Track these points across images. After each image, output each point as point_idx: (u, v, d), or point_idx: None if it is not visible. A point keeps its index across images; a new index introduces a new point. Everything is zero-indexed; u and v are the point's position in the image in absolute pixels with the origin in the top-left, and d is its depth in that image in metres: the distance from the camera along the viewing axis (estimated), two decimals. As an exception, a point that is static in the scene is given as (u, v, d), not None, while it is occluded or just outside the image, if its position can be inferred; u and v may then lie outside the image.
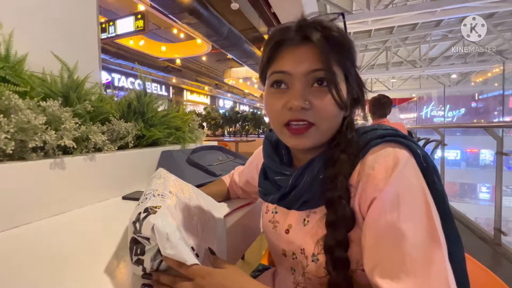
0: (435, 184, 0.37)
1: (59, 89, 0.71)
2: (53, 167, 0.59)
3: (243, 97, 16.02)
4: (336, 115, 0.41)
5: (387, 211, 0.34)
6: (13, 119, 0.52)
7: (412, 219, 0.33)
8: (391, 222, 0.33)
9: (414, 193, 0.34)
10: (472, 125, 4.08)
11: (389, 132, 0.39)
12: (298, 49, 0.40)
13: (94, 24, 1.01)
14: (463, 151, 7.81)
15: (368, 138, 0.40)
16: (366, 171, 0.37)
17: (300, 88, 0.40)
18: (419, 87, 12.40)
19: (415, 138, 3.55)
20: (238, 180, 0.71)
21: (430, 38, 8.13)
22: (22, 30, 0.72)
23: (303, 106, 0.39)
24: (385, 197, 0.34)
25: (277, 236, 0.49)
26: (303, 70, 0.40)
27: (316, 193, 0.41)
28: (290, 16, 0.43)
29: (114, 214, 0.63)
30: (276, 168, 0.48)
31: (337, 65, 0.40)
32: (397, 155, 0.36)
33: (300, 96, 0.39)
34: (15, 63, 0.65)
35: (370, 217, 0.36)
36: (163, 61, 8.80)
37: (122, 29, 5.09)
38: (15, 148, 0.53)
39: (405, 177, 0.35)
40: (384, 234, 0.33)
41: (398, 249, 0.32)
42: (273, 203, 0.48)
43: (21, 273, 0.37)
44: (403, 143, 0.38)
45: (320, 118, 0.40)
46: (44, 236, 0.50)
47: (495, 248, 2.03)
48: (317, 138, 0.41)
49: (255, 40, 7.34)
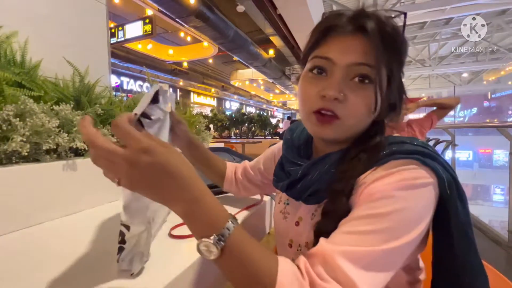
0: (458, 213, 0.35)
1: (71, 93, 0.73)
2: (65, 168, 0.61)
3: (250, 99, 16.07)
4: (365, 115, 0.39)
5: (371, 202, 0.34)
6: (28, 123, 0.55)
7: (383, 227, 0.32)
8: (367, 211, 0.33)
9: (406, 212, 0.33)
10: (483, 125, 3.97)
11: (417, 149, 0.36)
12: (348, 38, 0.38)
13: (104, 30, 1.04)
14: (476, 151, 7.59)
15: (393, 150, 0.37)
16: (376, 175, 0.36)
17: (339, 78, 0.38)
18: (429, 86, 12.16)
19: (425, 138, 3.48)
20: (247, 167, 0.67)
21: (439, 36, 7.97)
22: (36, 37, 0.74)
23: (337, 97, 0.37)
24: (378, 194, 0.34)
25: (287, 226, 0.50)
26: (348, 61, 0.38)
27: (324, 186, 0.41)
28: (296, 18, 0.43)
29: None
30: (292, 159, 0.48)
31: (384, 64, 0.38)
32: (414, 175, 0.34)
33: (337, 87, 0.38)
34: (30, 69, 0.67)
35: (355, 202, 0.36)
36: (171, 64, 8.93)
37: (130, 33, 5.20)
38: (30, 150, 0.56)
39: (408, 194, 0.33)
40: (353, 219, 0.34)
41: (353, 236, 0.32)
42: (283, 190, 0.48)
43: (35, 271, 0.38)
44: (429, 165, 0.35)
45: (349, 113, 0.38)
46: (57, 235, 0.52)
47: (509, 252, 1.97)
48: (340, 132, 0.40)
49: (261, 42, 7.38)
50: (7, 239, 0.49)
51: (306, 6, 4.32)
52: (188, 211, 0.29)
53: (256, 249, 0.30)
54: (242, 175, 0.67)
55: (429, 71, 9.18)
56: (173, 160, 0.28)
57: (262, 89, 14.55)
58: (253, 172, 0.66)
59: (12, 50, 0.66)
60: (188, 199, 0.28)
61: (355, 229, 0.33)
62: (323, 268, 0.31)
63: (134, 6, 5.32)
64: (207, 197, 0.30)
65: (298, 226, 0.47)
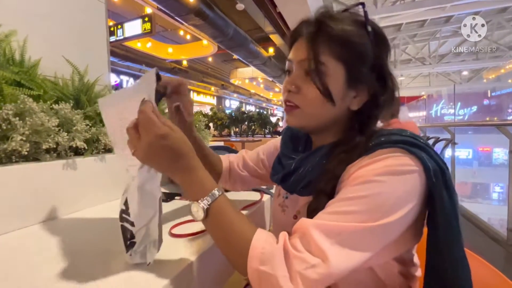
0: (443, 203, 0.36)
1: (71, 92, 0.73)
2: (65, 167, 0.61)
3: (249, 97, 16.05)
4: (320, 104, 0.43)
5: (353, 186, 0.36)
6: (28, 122, 0.54)
7: (361, 208, 0.34)
8: (348, 194, 0.36)
9: (384, 196, 0.34)
10: (483, 123, 3.97)
11: (404, 139, 0.38)
12: (299, 41, 0.45)
13: (103, 28, 1.03)
14: (475, 150, 7.61)
15: (381, 140, 0.39)
16: (362, 163, 0.38)
17: (294, 74, 0.45)
18: (429, 85, 12.14)
19: (424, 137, 3.48)
20: (247, 160, 0.67)
21: (439, 34, 7.95)
22: (36, 35, 0.74)
23: (289, 89, 0.44)
24: (360, 178, 0.36)
25: (285, 219, 0.52)
26: (297, 58, 0.44)
27: (316, 178, 0.43)
28: (295, 16, 0.45)
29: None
30: (287, 153, 0.52)
31: (332, 57, 0.41)
32: (398, 162, 0.36)
33: (290, 81, 0.44)
34: (29, 68, 0.67)
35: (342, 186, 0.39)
36: (170, 63, 8.90)
37: (130, 32, 5.18)
38: (29, 149, 0.56)
39: (389, 179, 0.35)
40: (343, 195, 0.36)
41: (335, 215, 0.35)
42: (278, 183, 0.52)
43: (35, 270, 0.38)
44: (414, 153, 0.36)
45: (304, 102, 0.44)
46: (57, 234, 0.52)
47: (508, 250, 1.97)
48: (303, 119, 0.45)
49: (261, 40, 7.35)
50: (7, 238, 0.49)
51: (306, 4, 4.31)
52: (186, 180, 0.37)
53: (237, 217, 0.37)
54: (242, 168, 0.66)
55: (429, 69, 9.16)
56: (180, 143, 0.36)
57: (262, 87, 14.52)
58: (253, 163, 0.66)
59: (11, 49, 0.66)
60: (185, 170, 0.37)
61: (334, 210, 0.36)
62: (299, 240, 0.34)
63: (133, 4, 5.29)
64: (201, 171, 0.38)
65: (296, 219, 0.48)
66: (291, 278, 0.31)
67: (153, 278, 0.36)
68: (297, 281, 0.31)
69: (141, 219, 0.38)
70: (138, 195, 0.38)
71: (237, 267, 0.36)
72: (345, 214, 0.34)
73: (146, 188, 0.38)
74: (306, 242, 0.33)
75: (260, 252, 0.33)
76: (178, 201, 0.73)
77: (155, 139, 0.34)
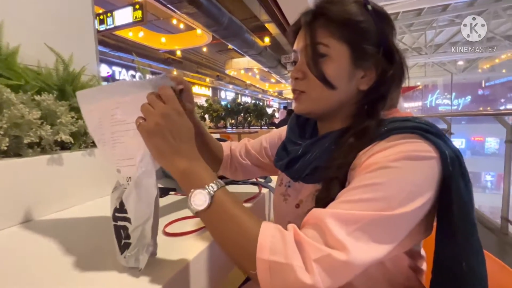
0: (460, 193, 0.34)
1: (55, 82, 0.68)
2: (50, 163, 0.58)
3: (245, 88, 15.88)
4: (324, 87, 0.42)
5: (367, 173, 0.34)
6: (6, 114, 0.50)
7: (378, 195, 0.31)
8: (363, 181, 0.33)
9: (402, 182, 0.32)
10: (482, 113, 4.00)
11: (419, 125, 0.36)
12: (301, 30, 0.45)
13: (89, 15, 0.97)
14: (468, 139, 7.71)
15: (395, 126, 0.37)
16: (375, 149, 0.36)
17: (299, 62, 0.45)
18: (424, 75, 12.15)
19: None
20: (249, 148, 0.65)
21: (436, 23, 7.89)
22: (14, 21, 0.68)
23: (296, 76, 0.44)
24: (375, 165, 0.34)
25: (287, 208, 0.50)
26: (300, 47, 0.45)
27: (324, 164, 0.41)
28: (292, 4, 0.42)
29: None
30: (294, 139, 0.51)
31: (333, 38, 0.41)
32: (414, 147, 0.34)
33: (296, 69, 0.45)
34: (7, 55, 0.62)
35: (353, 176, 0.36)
36: (164, 53, 8.70)
37: (120, 20, 5.00)
38: (9, 144, 0.52)
39: (406, 165, 0.33)
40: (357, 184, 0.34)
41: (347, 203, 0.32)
42: (282, 169, 0.50)
43: (23, 270, 0.36)
44: (430, 139, 0.35)
45: (309, 86, 0.43)
46: (45, 233, 0.48)
47: (502, 238, 2.01)
48: (310, 104, 0.45)
49: (256, 30, 7.19)
50: (-12, 240, 0.46)
51: (302, -8, 4.19)
52: (187, 166, 0.35)
53: (242, 207, 0.34)
54: (244, 156, 0.64)
55: (425, 59, 9.13)
56: (191, 129, 0.36)
57: (257, 78, 14.37)
58: (255, 152, 0.64)
59: (-15, 34, 0.60)
60: (188, 155, 0.35)
61: (349, 198, 0.33)
62: (312, 230, 0.31)
63: (123, -9, 5.10)
64: (203, 161, 0.37)
65: (299, 208, 0.47)
66: (307, 267, 0.28)
67: (149, 281, 0.33)
68: (313, 271, 0.27)
69: (138, 216, 0.35)
70: (135, 192, 0.35)
71: (242, 261, 0.32)
72: (360, 202, 0.31)
73: (143, 184, 0.35)
74: (321, 232, 0.30)
75: (270, 240, 0.30)
76: (172, 197, 0.70)
77: (173, 111, 0.34)
